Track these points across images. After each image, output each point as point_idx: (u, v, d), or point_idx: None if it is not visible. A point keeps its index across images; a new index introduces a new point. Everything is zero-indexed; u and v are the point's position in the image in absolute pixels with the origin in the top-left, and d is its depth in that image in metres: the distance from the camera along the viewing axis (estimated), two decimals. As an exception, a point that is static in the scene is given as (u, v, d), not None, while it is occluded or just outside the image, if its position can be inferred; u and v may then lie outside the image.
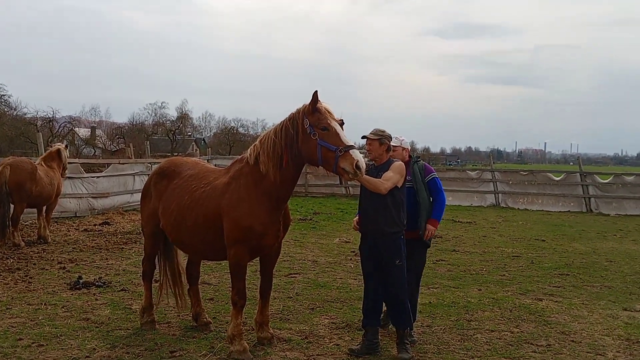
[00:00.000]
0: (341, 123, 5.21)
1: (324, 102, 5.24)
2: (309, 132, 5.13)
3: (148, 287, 6.42)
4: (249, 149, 5.56)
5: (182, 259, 6.78)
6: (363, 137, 5.80)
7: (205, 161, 6.62)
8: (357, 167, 4.94)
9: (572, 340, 6.25)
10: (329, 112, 5.18)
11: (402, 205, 5.63)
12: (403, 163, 5.78)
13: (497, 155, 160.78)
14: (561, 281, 9.16)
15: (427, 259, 10.58)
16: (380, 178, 5.54)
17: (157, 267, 6.59)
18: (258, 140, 5.52)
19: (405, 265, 5.65)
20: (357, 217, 5.98)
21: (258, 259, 5.87)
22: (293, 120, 5.27)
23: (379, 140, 5.66)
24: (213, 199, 5.53)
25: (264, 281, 5.86)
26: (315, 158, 5.13)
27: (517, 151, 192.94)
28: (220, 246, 5.52)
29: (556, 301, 7.89)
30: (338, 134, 5.07)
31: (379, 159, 5.72)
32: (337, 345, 5.88)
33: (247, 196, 5.33)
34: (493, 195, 22.78)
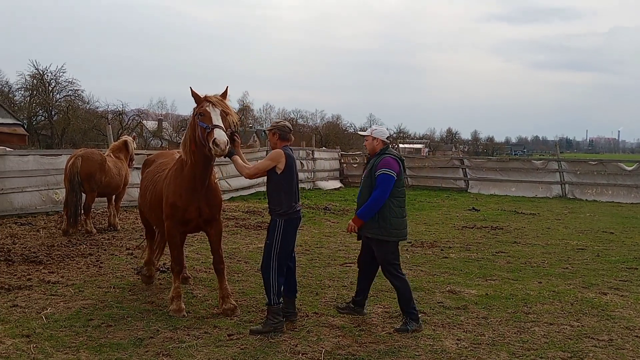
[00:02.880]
0: (224, 114, 6.04)
1: (212, 93, 6.17)
2: (195, 119, 6.13)
3: (150, 245, 7.84)
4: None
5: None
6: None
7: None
8: (214, 142, 5.76)
9: (637, 336, 6.04)
10: (210, 101, 6.05)
11: (279, 189, 5.96)
12: (280, 150, 6.00)
13: (567, 144, 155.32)
14: (628, 275, 8.81)
15: (491, 250, 10.43)
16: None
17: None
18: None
19: (273, 245, 5.94)
20: None
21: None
22: (192, 115, 6.27)
23: (271, 131, 6.17)
24: (160, 183, 6.79)
25: (214, 257, 6.71)
26: (199, 138, 6.04)
27: (588, 140, 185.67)
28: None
29: (622, 295, 7.62)
30: (211, 117, 5.94)
31: (273, 147, 6.18)
32: (390, 333, 5.93)
33: (174, 179, 6.45)
34: (559, 185, 22.06)
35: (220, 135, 5.77)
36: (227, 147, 5.82)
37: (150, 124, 58.07)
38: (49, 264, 8.77)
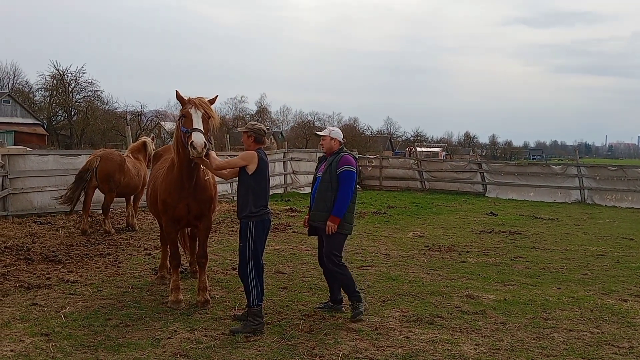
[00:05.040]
0: (206, 117, 6.22)
1: (197, 95, 6.36)
2: (178, 121, 6.42)
3: (164, 249, 7.96)
4: None
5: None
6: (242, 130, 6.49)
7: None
8: (191, 145, 5.99)
9: (658, 344, 5.94)
10: (194, 103, 6.23)
11: (248, 190, 6.06)
12: (254, 152, 6.12)
13: (586, 149, 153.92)
14: (649, 282, 8.69)
15: (510, 255, 10.32)
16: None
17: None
18: None
19: (247, 248, 6.04)
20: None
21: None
22: (178, 117, 6.50)
23: (247, 132, 6.24)
24: (159, 178, 7.03)
25: (198, 251, 7.05)
26: (181, 140, 6.29)
27: (607, 145, 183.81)
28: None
29: (642, 303, 7.51)
30: (192, 120, 6.16)
31: (247, 149, 6.27)
32: (407, 337, 5.89)
33: (165, 177, 6.79)
34: (578, 191, 21.78)
35: (198, 139, 6.00)
36: (205, 150, 6.03)
37: (169, 125, 58.40)
38: (68, 263, 8.86)
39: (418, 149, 47.48)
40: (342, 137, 6.79)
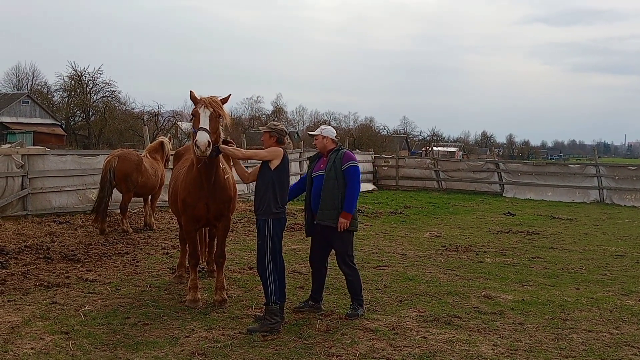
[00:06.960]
0: (215, 116, 6.18)
1: (210, 94, 6.38)
2: (191, 121, 6.44)
3: (183, 248, 8.00)
4: None
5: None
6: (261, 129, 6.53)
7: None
8: (195, 144, 6.01)
9: (679, 346, 5.86)
10: (203, 102, 6.23)
11: (269, 186, 6.07)
12: (281, 149, 6.18)
13: (604, 149, 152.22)
14: (670, 283, 8.56)
15: (527, 255, 10.24)
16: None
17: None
18: None
19: (265, 245, 6.06)
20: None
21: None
22: None
23: (269, 132, 6.26)
24: (180, 177, 7.07)
25: (216, 250, 7.12)
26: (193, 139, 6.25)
27: (626, 144, 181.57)
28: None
29: (663, 304, 7.41)
30: (200, 119, 6.15)
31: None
32: (425, 337, 5.87)
33: (185, 177, 6.82)
34: (597, 191, 21.55)
35: (201, 138, 5.98)
36: (209, 149, 5.99)
37: (185, 125, 58.78)
38: (87, 262, 8.96)
39: (434, 148, 47.31)
40: (335, 134, 6.78)
